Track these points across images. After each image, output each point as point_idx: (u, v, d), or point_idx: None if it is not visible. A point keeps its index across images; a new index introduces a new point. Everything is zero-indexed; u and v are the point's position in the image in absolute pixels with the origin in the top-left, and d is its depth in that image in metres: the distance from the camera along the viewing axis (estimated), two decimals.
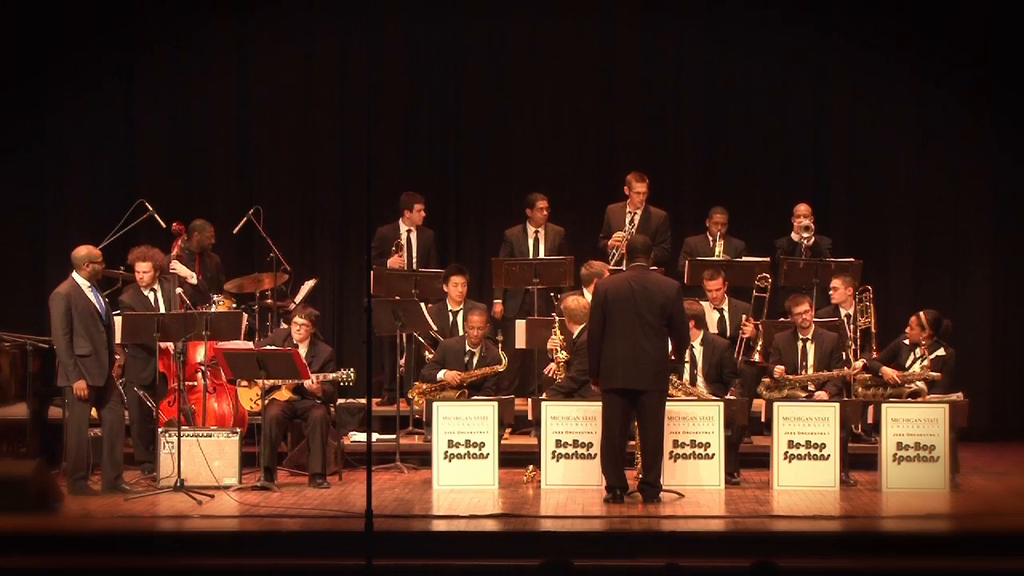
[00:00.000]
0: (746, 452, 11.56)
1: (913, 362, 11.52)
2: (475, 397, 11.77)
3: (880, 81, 14.32)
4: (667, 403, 10.59)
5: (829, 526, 9.88)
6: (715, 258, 12.91)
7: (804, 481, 10.92)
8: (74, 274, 10.69)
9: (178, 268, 11.99)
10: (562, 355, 11.50)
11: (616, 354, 10.36)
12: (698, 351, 11.44)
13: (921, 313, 11.58)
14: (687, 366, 11.35)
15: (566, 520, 9.92)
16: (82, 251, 10.74)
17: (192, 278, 12.18)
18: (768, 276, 12.63)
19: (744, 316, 12.28)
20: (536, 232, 13.34)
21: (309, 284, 13.01)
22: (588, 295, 11.52)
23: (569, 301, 11.66)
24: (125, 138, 14.57)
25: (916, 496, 10.73)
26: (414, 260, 13.23)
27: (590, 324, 10.64)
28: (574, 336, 11.43)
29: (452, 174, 14.76)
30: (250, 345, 11.93)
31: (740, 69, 14.42)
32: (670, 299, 10.44)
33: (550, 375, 11.69)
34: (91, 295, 10.65)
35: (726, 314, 12.41)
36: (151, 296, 11.32)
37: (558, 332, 11.55)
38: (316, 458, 11.05)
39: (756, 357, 12.00)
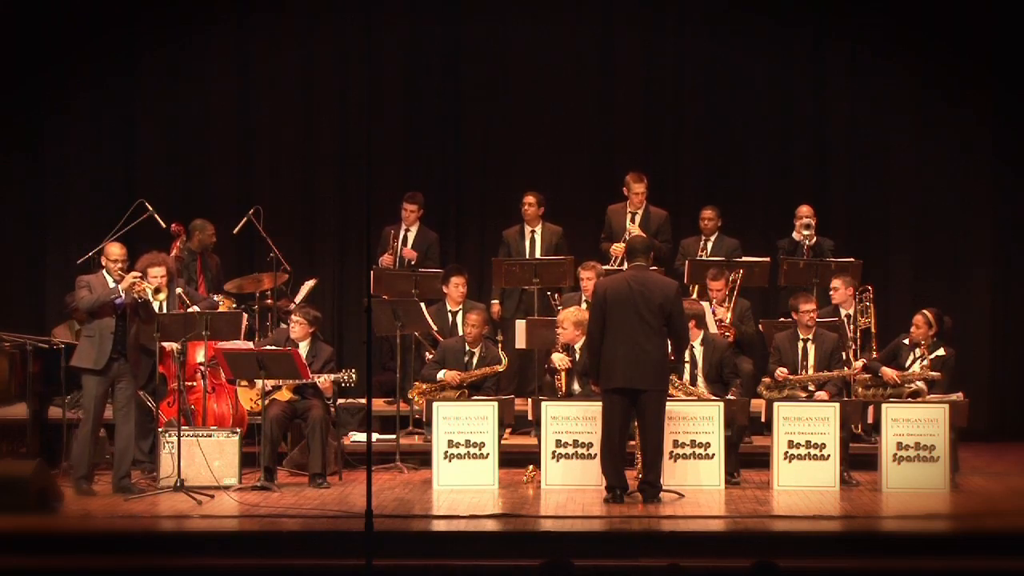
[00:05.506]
0: (746, 452, 11.57)
1: (913, 362, 11.52)
2: (475, 397, 11.77)
3: (880, 81, 14.33)
4: (667, 403, 10.59)
5: (829, 526, 9.87)
6: (716, 258, 12.92)
7: (804, 481, 10.92)
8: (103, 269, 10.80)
9: (185, 298, 11.96)
10: (565, 364, 11.53)
11: (616, 354, 10.35)
12: (698, 351, 11.44)
13: (926, 311, 11.59)
14: (687, 366, 11.35)
15: (566, 520, 9.92)
16: (106, 248, 10.84)
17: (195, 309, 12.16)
18: (737, 278, 12.59)
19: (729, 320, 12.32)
20: (532, 232, 13.35)
21: (309, 284, 13.02)
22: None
23: (569, 313, 11.63)
24: (125, 138, 14.59)
25: (916, 496, 10.73)
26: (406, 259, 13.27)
27: (589, 324, 10.64)
28: (577, 346, 11.47)
29: (452, 174, 14.77)
30: (250, 345, 11.93)
31: (740, 69, 14.42)
32: (669, 298, 10.43)
33: (556, 384, 11.68)
34: (112, 286, 10.67)
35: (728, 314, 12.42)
36: (156, 306, 11.26)
37: (560, 345, 11.58)
38: (316, 458, 11.05)
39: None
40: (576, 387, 11.52)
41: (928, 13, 14.15)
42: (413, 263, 13.21)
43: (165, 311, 11.29)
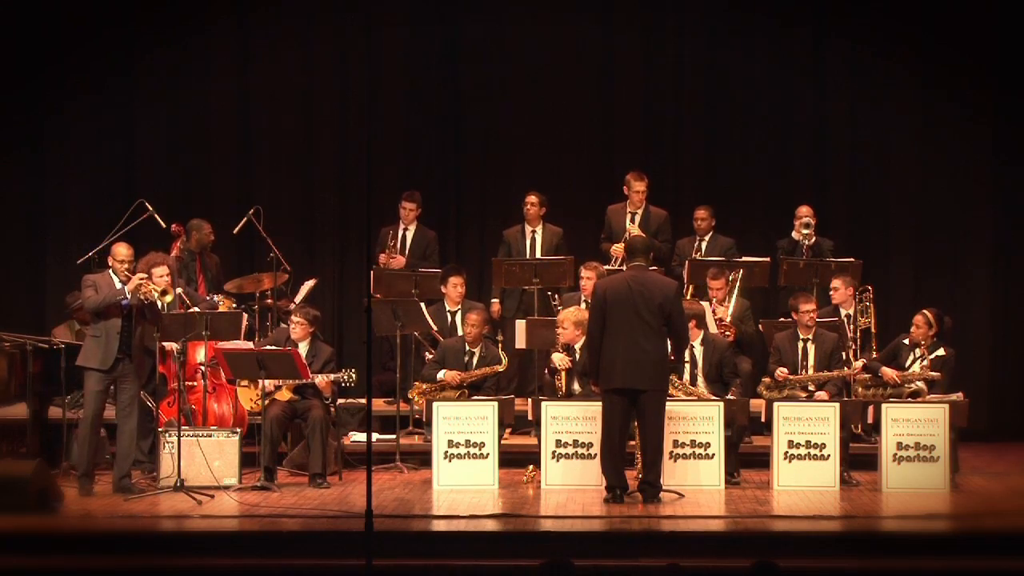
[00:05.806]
0: (746, 452, 11.57)
1: (913, 362, 11.52)
2: (475, 397, 11.77)
3: (880, 81, 14.33)
4: (667, 403, 10.59)
5: (829, 526, 9.87)
6: (716, 258, 12.92)
7: (804, 481, 10.92)
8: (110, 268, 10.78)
9: (185, 298, 11.98)
10: (565, 364, 11.53)
11: (616, 354, 10.35)
12: (698, 351, 11.44)
13: (927, 311, 11.59)
14: (687, 366, 11.35)
15: (566, 520, 9.92)
16: (113, 249, 10.81)
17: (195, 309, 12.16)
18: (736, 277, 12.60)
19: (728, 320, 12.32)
20: (533, 232, 13.35)
21: (309, 284, 13.01)
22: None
23: (569, 313, 11.62)
24: (125, 138, 14.58)
25: (916, 496, 10.73)
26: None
27: (589, 324, 10.64)
28: (577, 346, 11.46)
29: (452, 174, 14.77)
30: (250, 345, 11.94)
31: (740, 69, 14.42)
32: (669, 298, 10.43)
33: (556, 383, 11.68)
34: (118, 286, 10.65)
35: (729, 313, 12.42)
36: (158, 306, 11.27)
37: (560, 345, 11.57)
38: (316, 458, 11.06)
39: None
40: (576, 387, 11.51)
41: (928, 12, 14.15)
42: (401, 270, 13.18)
43: (166, 311, 11.30)
